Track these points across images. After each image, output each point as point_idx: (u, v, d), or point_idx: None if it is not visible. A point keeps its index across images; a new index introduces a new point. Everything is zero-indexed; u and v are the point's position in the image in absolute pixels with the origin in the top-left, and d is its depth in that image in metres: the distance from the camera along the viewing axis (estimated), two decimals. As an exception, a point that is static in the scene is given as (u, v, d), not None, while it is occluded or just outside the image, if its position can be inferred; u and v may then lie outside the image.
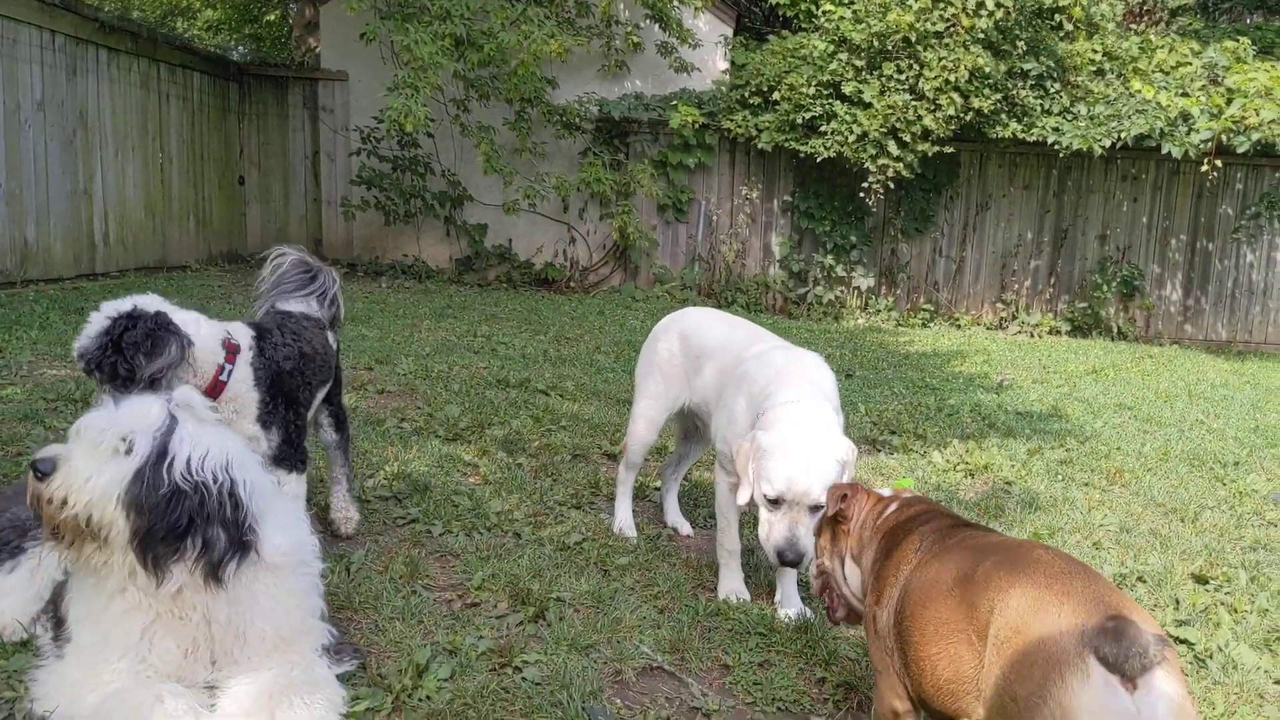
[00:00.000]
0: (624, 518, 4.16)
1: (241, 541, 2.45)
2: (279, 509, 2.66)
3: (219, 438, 2.50)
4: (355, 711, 2.60)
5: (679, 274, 12.94)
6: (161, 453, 2.35)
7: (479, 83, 11.65)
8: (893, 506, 2.61)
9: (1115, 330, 12.91)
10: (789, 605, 3.51)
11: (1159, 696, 1.62)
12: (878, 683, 2.39)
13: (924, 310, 13.00)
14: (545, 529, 4.04)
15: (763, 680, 2.99)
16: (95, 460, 2.33)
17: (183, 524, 2.36)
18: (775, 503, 3.13)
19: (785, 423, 3.21)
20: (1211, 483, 5.53)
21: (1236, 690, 3.12)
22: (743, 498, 3.25)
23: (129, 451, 2.34)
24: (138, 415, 2.39)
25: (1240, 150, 10.91)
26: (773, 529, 3.14)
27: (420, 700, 2.70)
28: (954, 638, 2.02)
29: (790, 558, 3.12)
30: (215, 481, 2.40)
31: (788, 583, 3.55)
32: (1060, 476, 5.42)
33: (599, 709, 2.74)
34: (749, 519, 4.44)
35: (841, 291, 12.91)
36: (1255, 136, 10.63)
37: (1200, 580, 3.98)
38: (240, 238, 13.25)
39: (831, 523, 2.74)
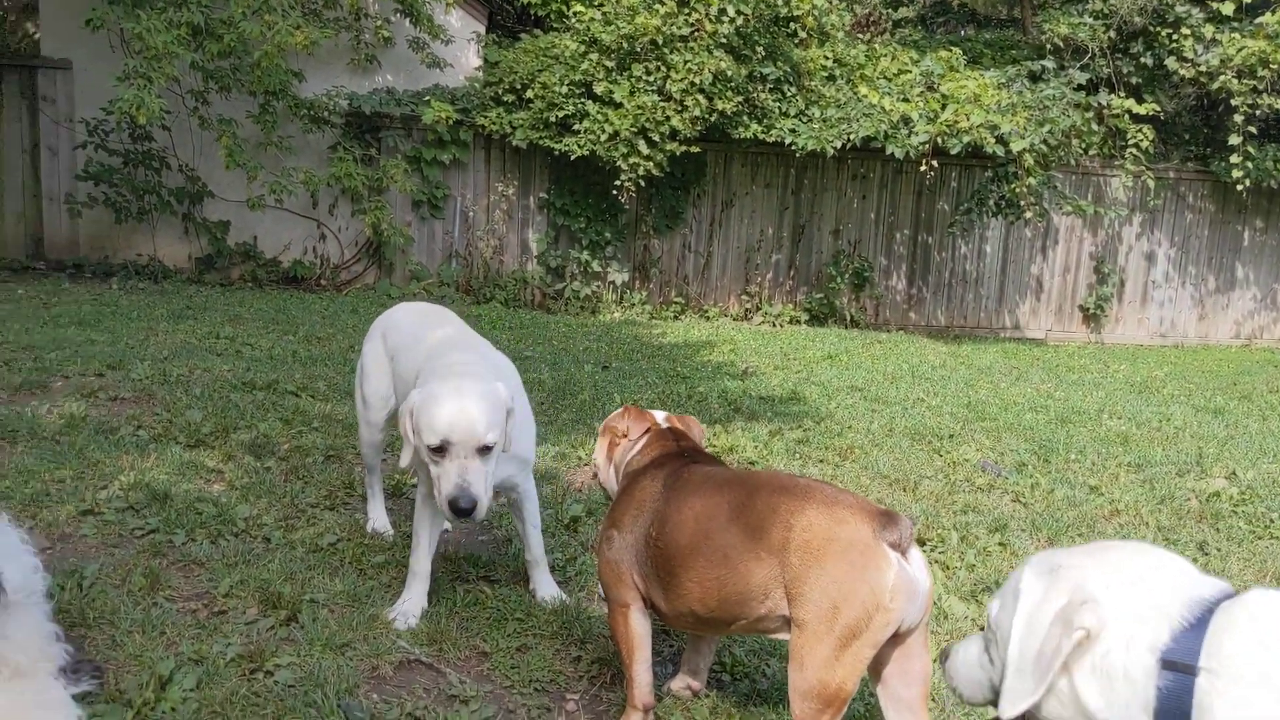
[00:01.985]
0: (378, 517, 4.14)
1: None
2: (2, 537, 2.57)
3: None
4: (91, 729, 2.50)
5: (436, 271, 12.81)
6: None
7: (219, 74, 11.02)
8: (642, 442, 2.99)
9: (849, 319, 13.96)
10: (546, 590, 3.62)
11: (917, 560, 2.35)
12: (610, 592, 2.80)
13: (675, 303, 13.54)
14: (297, 532, 3.96)
15: (520, 664, 3.09)
16: None
17: None
18: (440, 450, 2.93)
19: (439, 375, 3.11)
20: (930, 454, 6.08)
21: (947, 637, 3.53)
22: (404, 460, 3.11)
23: None
24: None
25: (953, 152, 11.98)
26: (443, 479, 2.93)
27: (164, 712, 2.62)
28: (743, 558, 2.44)
29: (464, 504, 2.87)
30: None
31: (541, 568, 3.66)
32: (798, 455, 5.82)
33: (355, 705, 2.75)
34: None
35: (598, 286, 13.22)
36: (966, 139, 11.73)
37: (918, 543, 4.43)
38: (-59, 237, 11.86)
39: (609, 432, 3.06)
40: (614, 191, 12.19)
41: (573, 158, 12.09)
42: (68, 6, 11.17)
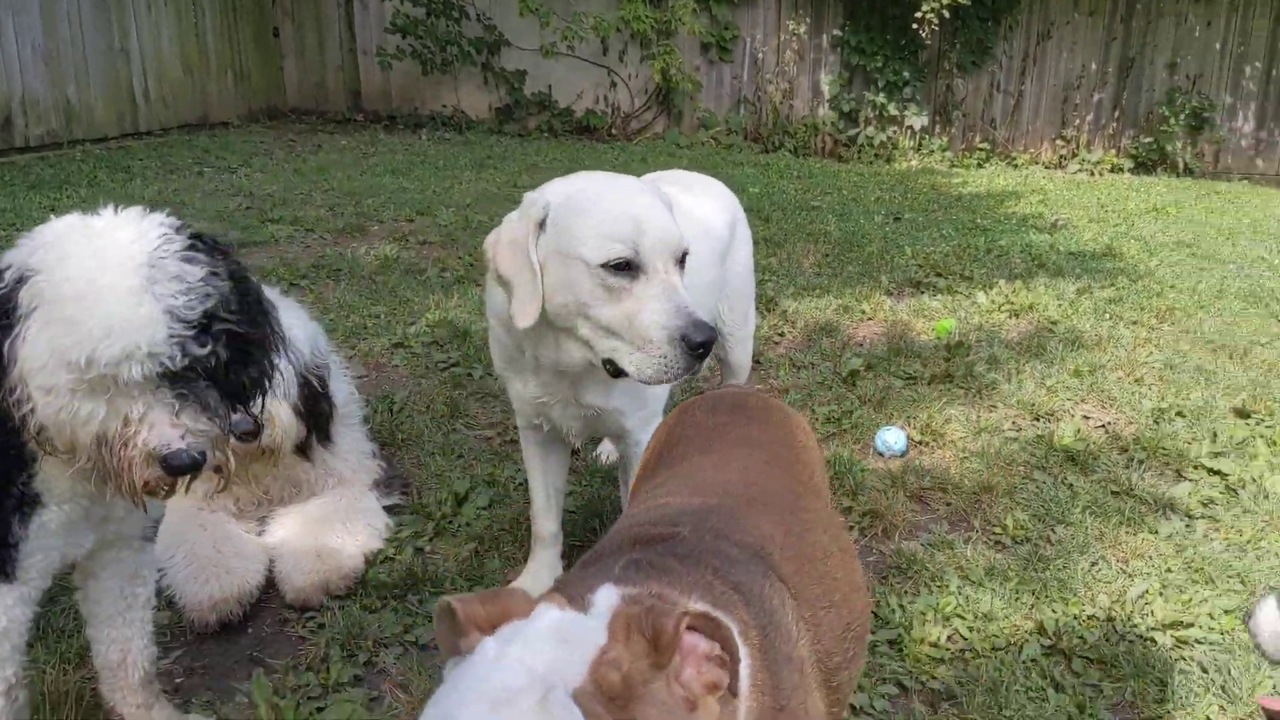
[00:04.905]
0: None
1: (332, 404, 2.73)
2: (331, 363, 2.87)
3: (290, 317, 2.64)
4: (400, 536, 2.77)
5: (724, 118, 12.60)
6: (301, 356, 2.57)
7: (511, -83, 11.19)
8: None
9: (1182, 166, 12.36)
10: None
11: None
12: None
13: (980, 150, 12.56)
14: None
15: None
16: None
17: (317, 409, 2.65)
18: (625, 268, 1.90)
19: (575, 179, 2.09)
20: (1266, 320, 5.40)
21: (1266, 518, 3.14)
22: (525, 318, 1.97)
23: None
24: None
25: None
26: (651, 309, 1.89)
27: (460, 526, 2.85)
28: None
29: (705, 335, 1.89)
30: (319, 364, 2.65)
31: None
32: (1108, 315, 5.34)
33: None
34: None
35: (894, 132, 12.49)
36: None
37: (1241, 415, 3.94)
38: (279, 93, 13.11)
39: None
40: (914, 25, 11.31)
41: (869, -11, 11.30)
42: None
